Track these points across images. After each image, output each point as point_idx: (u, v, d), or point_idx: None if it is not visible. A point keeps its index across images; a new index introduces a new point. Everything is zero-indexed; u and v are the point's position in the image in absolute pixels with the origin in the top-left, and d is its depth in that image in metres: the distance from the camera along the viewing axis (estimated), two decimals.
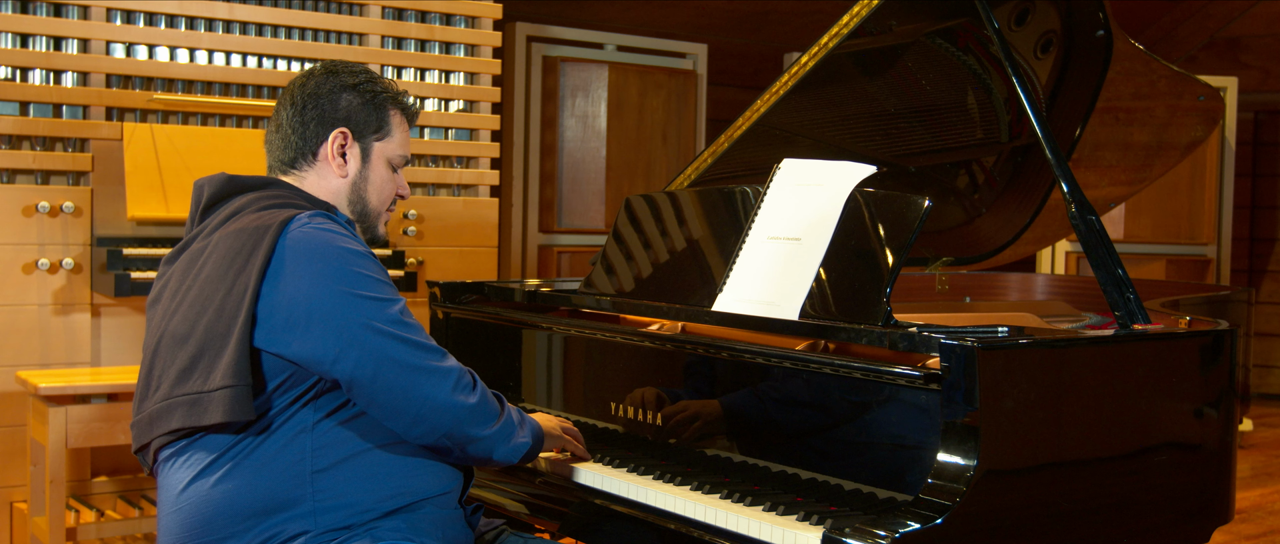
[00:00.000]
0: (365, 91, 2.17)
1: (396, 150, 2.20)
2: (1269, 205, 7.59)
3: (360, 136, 2.16)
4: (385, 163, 2.19)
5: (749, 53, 7.00)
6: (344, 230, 2.02)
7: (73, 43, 3.98)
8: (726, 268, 2.47)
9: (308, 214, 2.01)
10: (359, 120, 2.16)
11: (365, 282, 1.97)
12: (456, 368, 2.04)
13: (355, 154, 2.16)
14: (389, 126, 2.18)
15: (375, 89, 2.18)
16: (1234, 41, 7.61)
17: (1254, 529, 4.63)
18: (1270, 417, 7.00)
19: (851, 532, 1.94)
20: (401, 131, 2.20)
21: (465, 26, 4.73)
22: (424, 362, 1.98)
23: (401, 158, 2.21)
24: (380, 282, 2.00)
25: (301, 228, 1.98)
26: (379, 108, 2.17)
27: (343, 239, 1.99)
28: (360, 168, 2.17)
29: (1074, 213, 2.47)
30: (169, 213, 3.90)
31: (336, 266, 1.96)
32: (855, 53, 3.11)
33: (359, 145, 2.16)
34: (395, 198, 2.24)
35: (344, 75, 2.16)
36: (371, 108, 2.16)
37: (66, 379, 3.51)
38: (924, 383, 2.02)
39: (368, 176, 2.18)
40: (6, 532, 3.86)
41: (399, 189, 2.24)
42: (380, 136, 2.18)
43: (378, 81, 2.19)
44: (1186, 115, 3.47)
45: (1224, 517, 2.36)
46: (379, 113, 2.17)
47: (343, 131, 2.14)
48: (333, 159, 2.14)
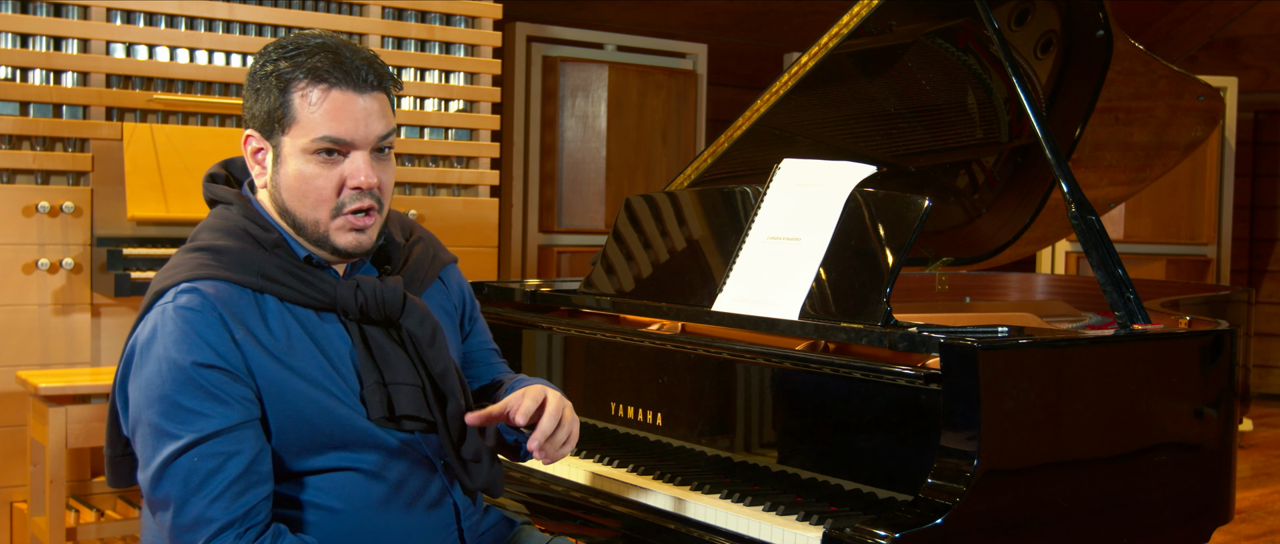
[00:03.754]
0: (258, 77, 1.77)
1: (306, 136, 1.74)
2: (1269, 205, 7.59)
3: (268, 135, 1.78)
4: (299, 156, 1.75)
5: (749, 53, 6.99)
6: (190, 322, 1.69)
7: (73, 43, 3.98)
8: (726, 268, 2.47)
9: (183, 288, 1.73)
10: (260, 116, 1.78)
11: (154, 404, 1.69)
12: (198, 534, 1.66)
13: (269, 157, 1.80)
14: (293, 111, 1.74)
15: (266, 70, 1.76)
16: (1234, 41, 7.61)
17: (1254, 529, 4.63)
18: (1270, 417, 7.00)
19: (852, 532, 1.94)
20: (319, 108, 1.74)
21: (465, 26, 4.73)
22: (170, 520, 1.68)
23: (326, 141, 1.74)
24: (178, 408, 1.67)
25: (158, 313, 1.73)
26: (280, 93, 1.75)
27: (168, 342, 1.69)
28: (274, 171, 1.79)
29: (1074, 213, 2.47)
30: (169, 213, 3.90)
31: (137, 373, 1.71)
32: (855, 53, 3.11)
33: (270, 145, 1.79)
34: (342, 191, 1.77)
35: (252, 67, 1.80)
36: (266, 97, 1.76)
37: (66, 379, 3.51)
38: (924, 383, 2.02)
39: (280, 180, 1.78)
40: (6, 532, 3.86)
41: (346, 178, 1.76)
42: (286, 128, 1.76)
43: (280, 59, 1.76)
44: (1186, 115, 3.47)
45: (1224, 517, 2.36)
46: (281, 99, 1.75)
47: (249, 134, 1.81)
48: (252, 167, 1.83)
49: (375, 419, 1.79)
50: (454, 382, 1.85)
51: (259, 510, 1.71)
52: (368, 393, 1.79)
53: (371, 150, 1.79)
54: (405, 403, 1.80)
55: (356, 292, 1.80)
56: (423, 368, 1.83)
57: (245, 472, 1.69)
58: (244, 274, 1.75)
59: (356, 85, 1.76)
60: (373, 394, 1.79)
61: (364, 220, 1.79)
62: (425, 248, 1.98)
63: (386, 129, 1.80)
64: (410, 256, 1.94)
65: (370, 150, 1.78)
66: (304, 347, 1.78)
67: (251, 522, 1.70)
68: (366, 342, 1.81)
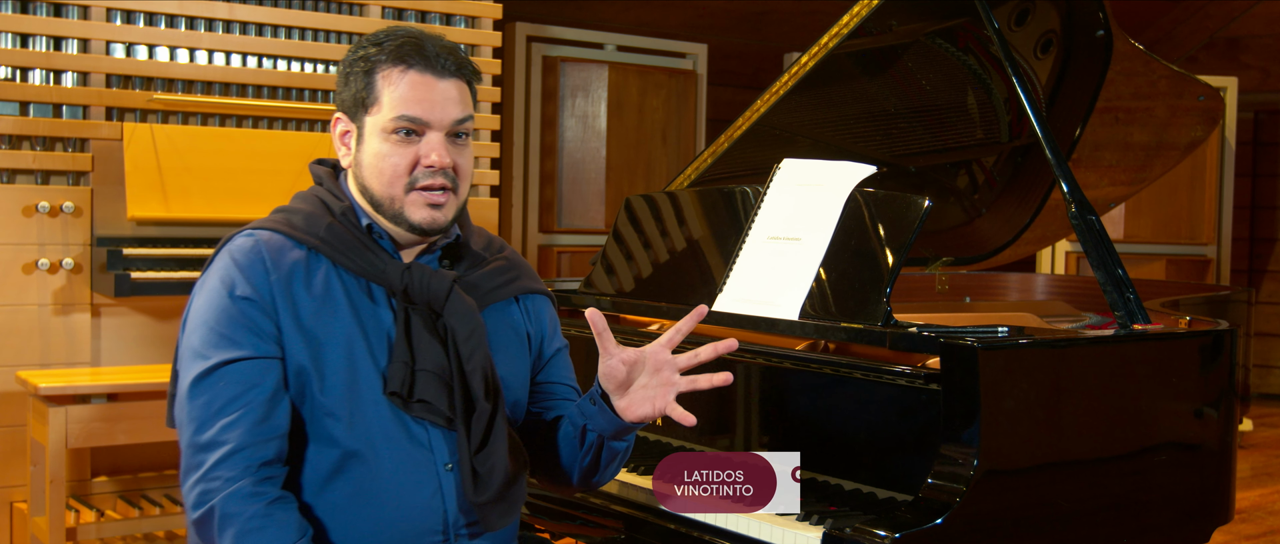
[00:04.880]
0: (348, 62, 1.89)
1: (387, 115, 1.84)
2: (1269, 205, 7.58)
3: (354, 116, 1.89)
4: (378, 135, 1.85)
5: (749, 53, 6.99)
6: (238, 260, 1.81)
7: (73, 43, 3.98)
8: (726, 268, 2.47)
9: (247, 231, 1.86)
10: (347, 100, 1.89)
11: (196, 329, 1.80)
12: (208, 455, 1.74)
13: (354, 137, 1.90)
14: (376, 92, 1.85)
15: (356, 56, 1.89)
16: (1234, 41, 7.61)
17: (1254, 529, 4.63)
18: (1270, 417, 7.00)
19: (852, 532, 1.94)
20: (401, 89, 1.84)
21: (465, 26, 4.73)
22: (189, 436, 1.77)
23: (403, 120, 1.84)
24: (214, 333, 1.77)
25: (218, 257, 1.86)
26: (366, 75, 1.86)
27: (216, 274, 1.82)
28: (357, 151, 1.90)
29: (1074, 213, 2.47)
30: (169, 213, 3.90)
31: (192, 305, 1.83)
32: (855, 53, 3.11)
33: (355, 125, 1.89)
34: (415, 168, 1.84)
35: (345, 56, 1.92)
36: (353, 80, 1.88)
37: (66, 379, 3.51)
38: (924, 383, 2.02)
39: (361, 158, 1.88)
40: (6, 532, 3.86)
41: (421, 157, 1.84)
42: (369, 108, 1.86)
43: (368, 46, 1.88)
44: (1186, 115, 3.47)
45: (1224, 517, 2.36)
46: (366, 81, 1.86)
47: (338, 116, 1.92)
48: (339, 149, 1.93)
49: (389, 393, 1.82)
50: (482, 386, 1.84)
51: (270, 448, 1.76)
52: (392, 369, 1.82)
53: (448, 134, 1.86)
54: (424, 389, 1.82)
55: (405, 272, 1.86)
56: (455, 363, 1.84)
57: (264, 403, 1.76)
58: (304, 233, 1.85)
59: (436, 70, 1.86)
60: (397, 371, 1.82)
61: (439, 198, 1.85)
62: (507, 267, 2.02)
63: (463, 114, 1.88)
64: (483, 266, 1.98)
65: (446, 133, 1.86)
66: (339, 308, 1.84)
67: (265, 455, 1.75)
68: (408, 324, 1.85)
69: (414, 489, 1.84)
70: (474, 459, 1.83)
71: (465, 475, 1.83)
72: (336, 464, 1.81)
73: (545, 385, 2.07)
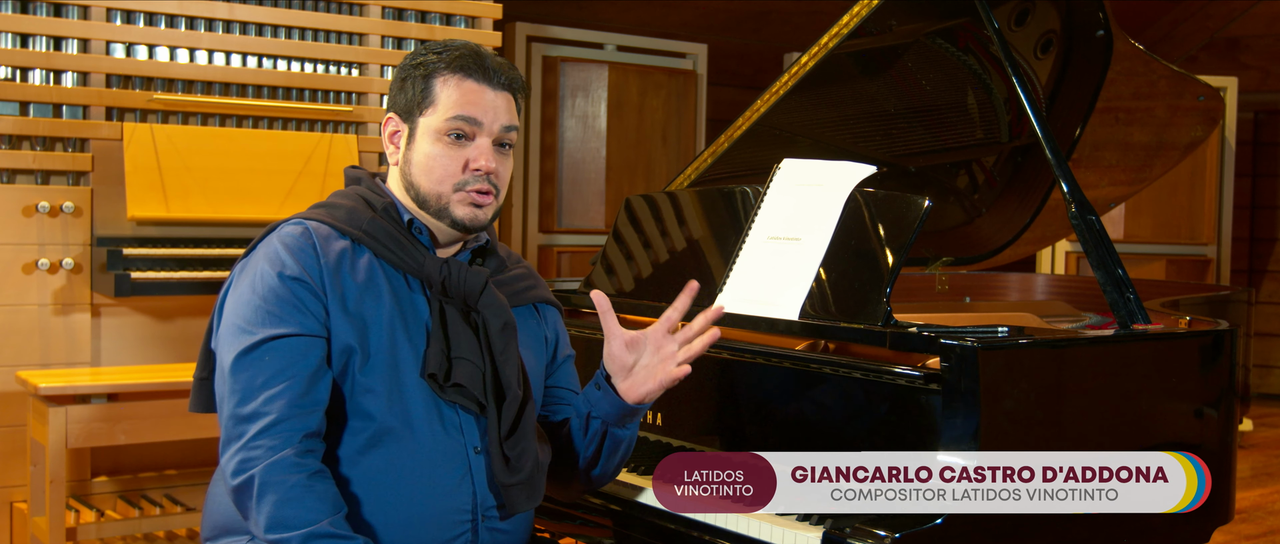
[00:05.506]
0: (407, 68, 2.00)
1: (441, 116, 1.95)
2: (1269, 205, 7.59)
3: (407, 117, 1.99)
4: (431, 136, 1.96)
5: (749, 53, 6.99)
6: (288, 245, 1.89)
7: (73, 43, 3.98)
8: (726, 268, 2.47)
9: (295, 220, 1.95)
10: (402, 101, 2.00)
11: (242, 306, 1.86)
12: (250, 425, 1.79)
13: (404, 137, 2.00)
14: (433, 95, 1.96)
15: (416, 62, 1.99)
16: (1234, 41, 7.61)
17: (1254, 529, 4.63)
18: (1270, 417, 7.00)
19: (852, 532, 1.94)
20: (455, 93, 1.96)
21: (465, 26, 4.73)
22: (232, 408, 1.82)
23: (457, 123, 1.95)
24: (261, 310, 1.84)
25: (264, 243, 1.93)
26: (424, 79, 1.97)
27: (263, 257, 1.89)
28: (406, 150, 2.00)
29: (1074, 213, 2.47)
30: (169, 213, 3.90)
31: (233, 287, 1.91)
32: (855, 53, 3.11)
33: (407, 126, 1.99)
34: (466, 170, 1.96)
35: (403, 62, 2.03)
36: (411, 83, 1.98)
37: (66, 379, 3.51)
38: (924, 383, 2.02)
39: (412, 157, 1.98)
40: (6, 532, 3.86)
41: (469, 161, 1.96)
42: (424, 110, 1.97)
43: (428, 53, 1.99)
44: (1186, 115, 3.47)
45: (1224, 517, 2.36)
46: (423, 84, 1.97)
47: (390, 116, 2.01)
48: (387, 147, 2.03)
49: (427, 375, 1.90)
50: (515, 377, 1.95)
51: (312, 419, 1.82)
52: (430, 353, 1.91)
53: (495, 141, 1.98)
54: (461, 374, 1.92)
55: (443, 267, 1.96)
56: (488, 354, 1.94)
57: (308, 379, 1.83)
58: (348, 225, 1.94)
59: (491, 81, 1.98)
60: (434, 356, 1.91)
61: (482, 198, 1.97)
62: (527, 275, 2.16)
63: (510, 123, 2.00)
64: (506, 271, 2.11)
65: (494, 140, 1.98)
66: (381, 293, 1.93)
67: (307, 426, 1.81)
68: (443, 316, 1.94)
69: (445, 470, 1.91)
70: (504, 444, 1.93)
71: (496, 459, 1.92)
72: (372, 439, 1.88)
73: (553, 390, 2.19)
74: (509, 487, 1.93)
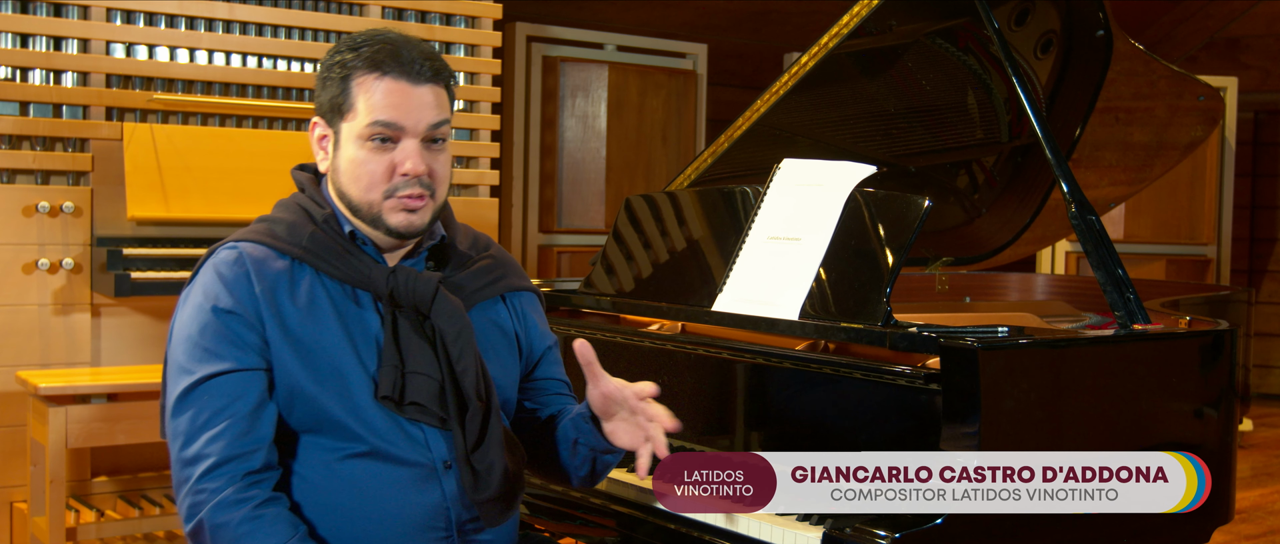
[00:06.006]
0: (325, 67, 1.88)
1: (362, 122, 1.83)
2: (1269, 205, 7.58)
3: (331, 122, 1.88)
4: (355, 142, 1.84)
5: (749, 53, 6.99)
6: (221, 274, 1.83)
7: (73, 43, 3.98)
8: (726, 268, 2.47)
9: (228, 245, 1.87)
10: (325, 104, 1.88)
11: (180, 344, 1.82)
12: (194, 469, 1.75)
13: (331, 142, 1.89)
14: (351, 99, 1.84)
15: (332, 61, 1.87)
16: (1234, 41, 7.61)
17: (1254, 529, 4.63)
18: (1270, 417, 7.00)
19: (852, 532, 1.94)
20: (375, 96, 1.83)
21: (465, 26, 4.73)
22: (177, 451, 1.79)
23: (377, 128, 1.82)
24: (197, 347, 1.79)
25: (202, 269, 1.87)
26: (342, 81, 1.85)
27: (199, 287, 1.84)
28: (334, 156, 1.89)
29: (1074, 213, 2.47)
30: (169, 213, 3.90)
31: (177, 318, 1.85)
32: (855, 53, 3.11)
33: (332, 131, 1.88)
34: (392, 176, 1.84)
35: (323, 59, 1.91)
36: (330, 86, 1.87)
37: (66, 379, 3.51)
38: (924, 383, 2.02)
39: (339, 165, 1.88)
40: (6, 532, 3.86)
41: (396, 165, 1.84)
42: (345, 114, 1.85)
43: (342, 52, 1.87)
44: (1186, 115, 3.47)
45: (1224, 516, 2.36)
46: (341, 87, 1.85)
47: (315, 121, 1.91)
48: (316, 153, 1.93)
49: (381, 398, 1.83)
50: (473, 385, 1.86)
51: (257, 457, 1.78)
52: (382, 373, 1.83)
53: (423, 139, 1.86)
54: (416, 391, 1.84)
55: (390, 276, 1.86)
56: (445, 364, 1.85)
57: (249, 415, 1.78)
58: (287, 243, 1.86)
59: (412, 76, 1.85)
60: (387, 376, 1.83)
61: (416, 203, 1.85)
62: (493, 266, 2.02)
63: (438, 119, 1.87)
64: (468, 266, 1.99)
65: (422, 139, 1.85)
66: (325, 317, 1.85)
67: (249, 465, 1.77)
68: (396, 328, 1.86)
69: (414, 488, 1.85)
70: (471, 457, 1.85)
71: (464, 474, 1.85)
72: (336, 467, 1.83)
73: (537, 382, 2.09)
74: (481, 503, 1.86)
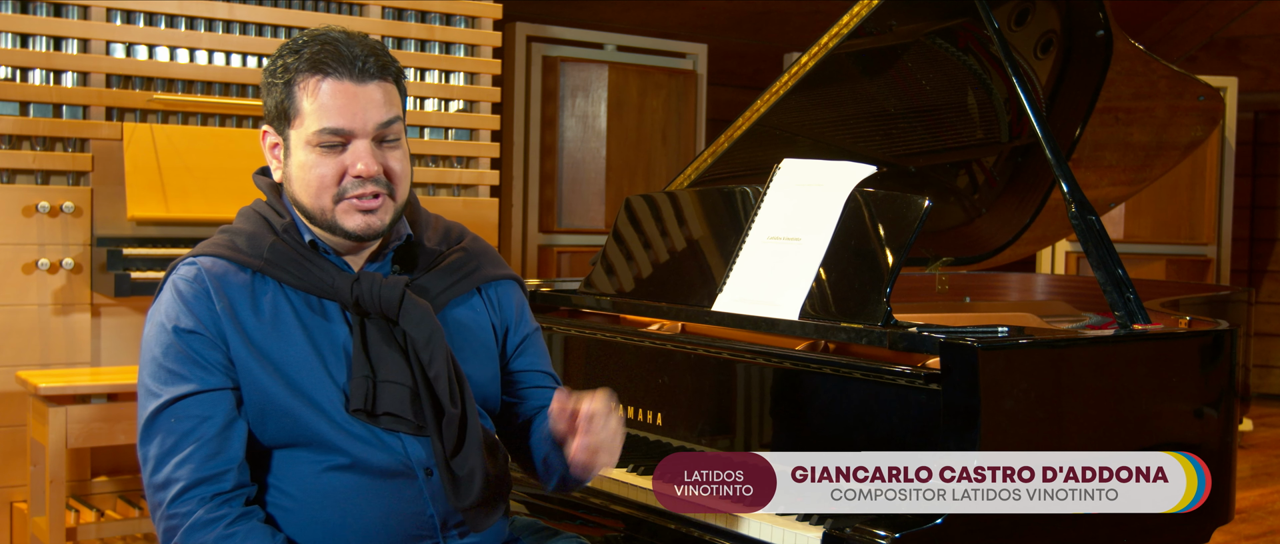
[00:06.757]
0: (268, 73, 1.84)
1: (309, 129, 1.79)
2: (1269, 205, 7.58)
3: (279, 130, 1.84)
4: (303, 148, 1.80)
5: (749, 53, 6.99)
6: (181, 293, 1.79)
7: (73, 43, 3.98)
8: (726, 268, 2.47)
9: (188, 261, 1.83)
10: (271, 111, 1.84)
11: (146, 365, 1.80)
12: (165, 493, 1.74)
13: (282, 149, 1.85)
14: (296, 105, 1.79)
15: (274, 66, 1.83)
16: (1234, 41, 7.61)
17: (1254, 529, 4.63)
18: (1270, 417, 7.00)
19: (852, 532, 1.94)
20: (320, 99, 1.78)
21: (465, 26, 4.73)
22: (148, 476, 1.77)
23: (325, 134, 1.78)
24: (162, 369, 1.77)
25: (165, 285, 1.83)
26: (285, 87, 1.81)
27: (161, 307, 1.80)
28: (286, 164, 1.85)
29: (1074, 213, 2.47)
30: (169, 213, 3.90)
31: (144, 337, 1.82)
32: (855, 53, 3.11)
33: (282, 138, 1.84)
34: (343, 179, 1.80)
35: (266, 65, 1.86)
36: (274, 92, 1.83)
37: (66, 379, 3.51)
38: (924, 383, 2.02)
39: (290, 172, 1.83)
40: (6, 532, 3.86)
41: (347, 168, 1.79)
42: (292, 121, 1.81)
43: (283, 57, 1.83)
44: (1186, 115, 3.47)
45: (1224, 516, 2.36)
46: (286, 93, 1.81)
47: (265, 129, 1.87)
48: (269, 162, 1.89)
49: (353, 411, 1.79)
50: (448, 390, 1.81)
51: (227, 478, 1.76)
52: (353, 385, 1.80)
53: (373, 139, 1.80)
54: (389, 401, 1.80)
55: (355, 284, 1.81)
56: (418, 370, 1.81)
57: (216, 437, 1.76)
58: (248, 255, 1.82)
59: (355, 75, 1.79)
60: (358, 387, 1.79)
61: (372, 203, 1.80)
62: (465, 258, 1.96)
63: (387, 117, 1.81)
64: (438, 263, 1.93)
65: (371, 139, 1.80)
66: (290, 331, 1.81)
67: (219, 487, 1.75)
68: (365, 336, 1.81)
69: (396, 496, 1.82)
70: (450, 463, 1.81)
71: (445, 480, 1.81)
72: (316, 478, 1.81)
73: (517, 375, 2.02)
74: (463, 509, 1.83)
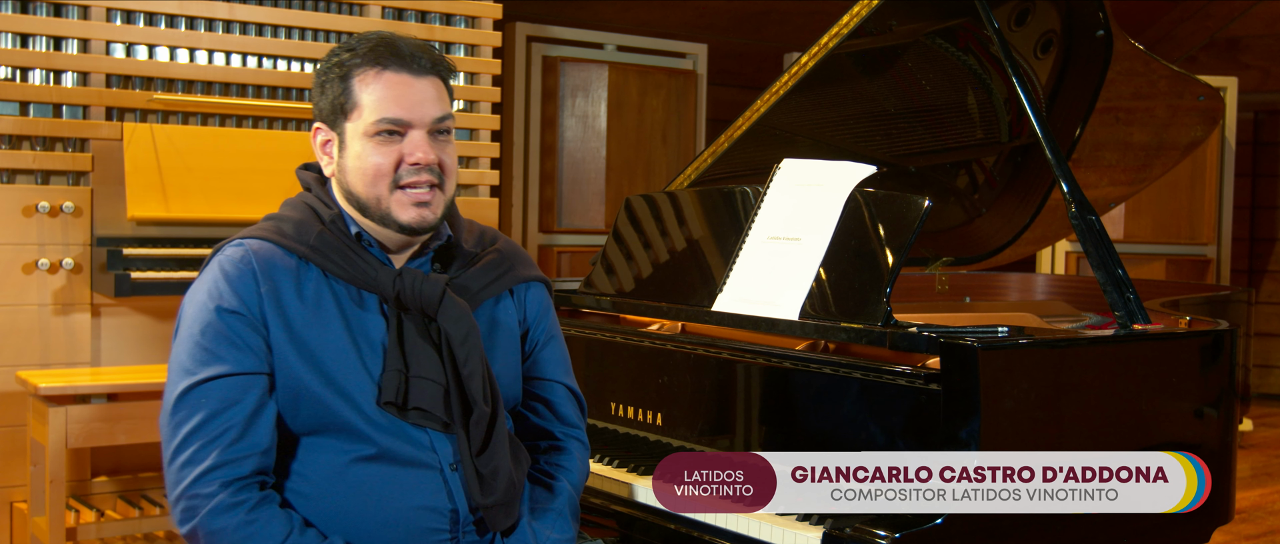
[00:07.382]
0: (323, 70, 1.89)
1: (367, 120, 1.84)
2: (1269, 205, 7.58)
3: (334, 125, 1.89)
4: (360, 140, 1.85)
5: (749, 53, 6.99)
6: (226, 272, 1.81)
7: (73, 43, 3.98)
8: (726, 268, 2.47)
9: (235, 242, 1.86)
10: (325, 108, 1.89)
11: (183, 342, 1.81)
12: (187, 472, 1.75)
13: (336, 146, 1.90)
14: (354, 97, 1.85)
15: (331, 63, 1.88)
16: (1234, 41, 7.61)
17: (1254, 529, 4.63)
18: (1270, 417, 7.00)
19: (852, 532, 1.95)
20: (378, 91, 1.84)
21: (465, 26, 4.73)
22: (171, 453, 1.77)
23: (385, 123, 1.83)
24: (198, 347, 1.78)
25: (209, 266, 1.86)
26: (342, 80, 1.86)
27: (204, 285, 1.82)
28: (340, 158, 1.89)
29: (1074, 213, 2.47)
30: (169, 213, 3.90)
31: (182, 314, 1.84)
32: (855, 53, 3.11)
33: (336, 134, 1.89)
34: (399, 167, 1.84)
35: (319, 66, 1.92)
36: (330, 87, 1.87)
37: (66, 379, 3.51)
38: (924, 383, 2.02)
39: (345, 164, 1.88)
40: (6, 532, 3.86)
41: (405, 156, 1.84)
42: (349, 114, 1.86)
43: (340, 54, 1.88)
44: (1186, 115, 3.47)
45: (1224, 517, 2.36)
46: (342, 87, 1.86)
47: (318, 126, 1.91)
48: (320, 159, 1.93)
49: (383, 403, 1.82)
50: (479, 389, 1.85)
51: (248, 463, 1.77)
52: (386, 378, 1.83)
53: (429, 131, 1.86)
54: (420, 396, 1.83)
55: (397, 279, 1.85)
56: (450, 367, 1.84)
57: (243, 422, 1.77)
58: (295, 241, 1.85)
59: (412, 69, 1.86)
60: (391, 380, 1.83)
61: (425, 194, 1.85)
62: (500, 260, 2.00)
63: (443, 112, 1.88)
64: (474, 263, 1.97)
65: (428, 131, 1.86)
66: (330, 320, 1.84)
67: (240, 471, 1.76)
68: (401, 331, 1.85)
69: (418, 489, 1.85)
70: (476, 461, 1.85)
71: (470, 478, 1.85)
72: (341, 467, 1.83)
73: (533, 382, 2.06)
74: (485, 508, 1.86)
